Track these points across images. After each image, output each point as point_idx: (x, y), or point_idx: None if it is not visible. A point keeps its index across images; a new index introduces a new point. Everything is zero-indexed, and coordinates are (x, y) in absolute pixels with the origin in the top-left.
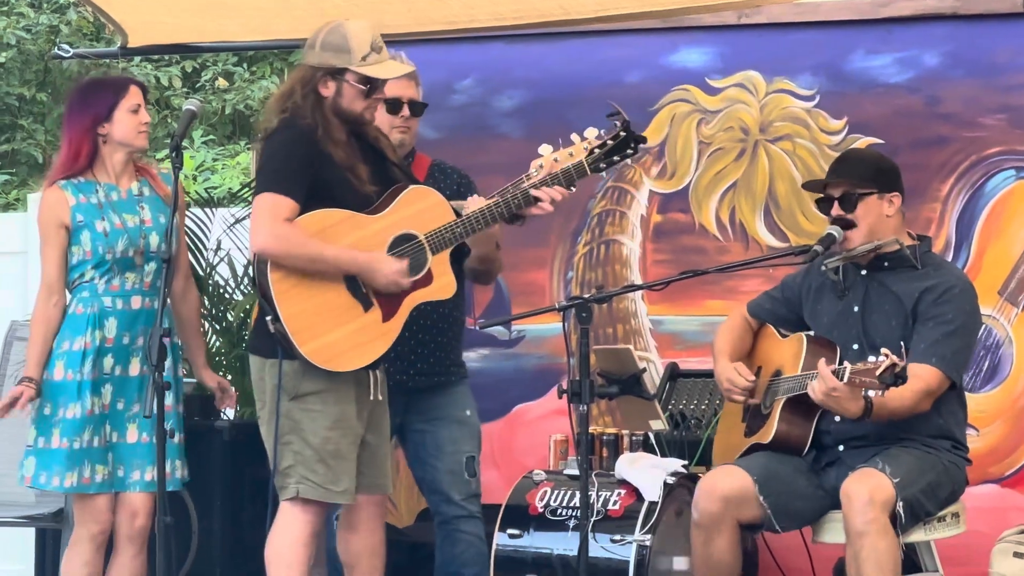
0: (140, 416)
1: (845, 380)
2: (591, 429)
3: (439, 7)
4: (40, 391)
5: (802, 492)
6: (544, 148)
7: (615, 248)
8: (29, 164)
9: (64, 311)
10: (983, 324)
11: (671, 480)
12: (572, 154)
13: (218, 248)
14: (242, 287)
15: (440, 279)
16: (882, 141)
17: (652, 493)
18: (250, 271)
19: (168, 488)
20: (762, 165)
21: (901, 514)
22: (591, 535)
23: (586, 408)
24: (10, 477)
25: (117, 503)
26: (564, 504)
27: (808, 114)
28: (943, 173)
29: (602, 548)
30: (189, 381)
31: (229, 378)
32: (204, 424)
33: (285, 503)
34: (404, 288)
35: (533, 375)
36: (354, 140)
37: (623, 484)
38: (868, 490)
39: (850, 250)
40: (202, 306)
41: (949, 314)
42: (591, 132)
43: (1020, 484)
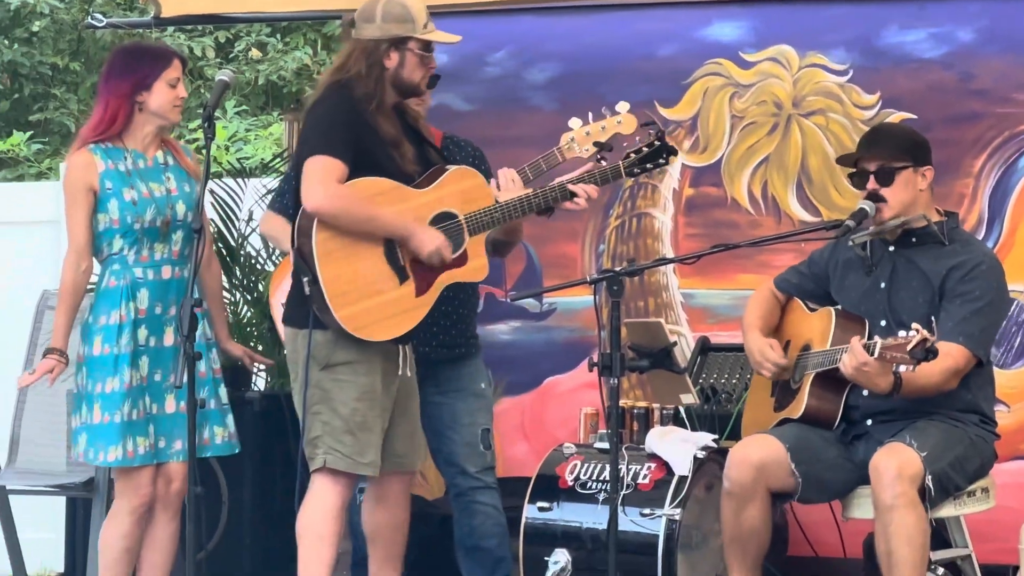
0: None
1: (876, 355)
2: (621, 402)
3: None
4: (67, 361)
5: (832, 463)
6: (574, 122)
7: (647, 221)
8: (62, 133)
9: (89, 277)
10: (1014, 300)
11: (701, 454)
12: (604, 128)
13: (250, 219)
14: (274, 258)
15: (474, 261)
16: (915, 116)
17: (682, 467)
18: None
19: (219, 453)
20: (795, 139)
21: (930, 488)
22: (621, 509)
23: (617, 381)
24: (39, 446)
25: (156, 473)
26: (594, 477)
27: (841, 89)
28: (976, 149)
29: (631, 522)
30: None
31: (259, 349)
32: (235, 395)
33: (316, 474)
34: (446, 261)
35: (564, 348)
36: (396, 117)
37: (653, 458)
38: (896, 464)
39: (878, 225)
40: (233, 277)
41: (976, 291)
42: (622, 106)
43: None
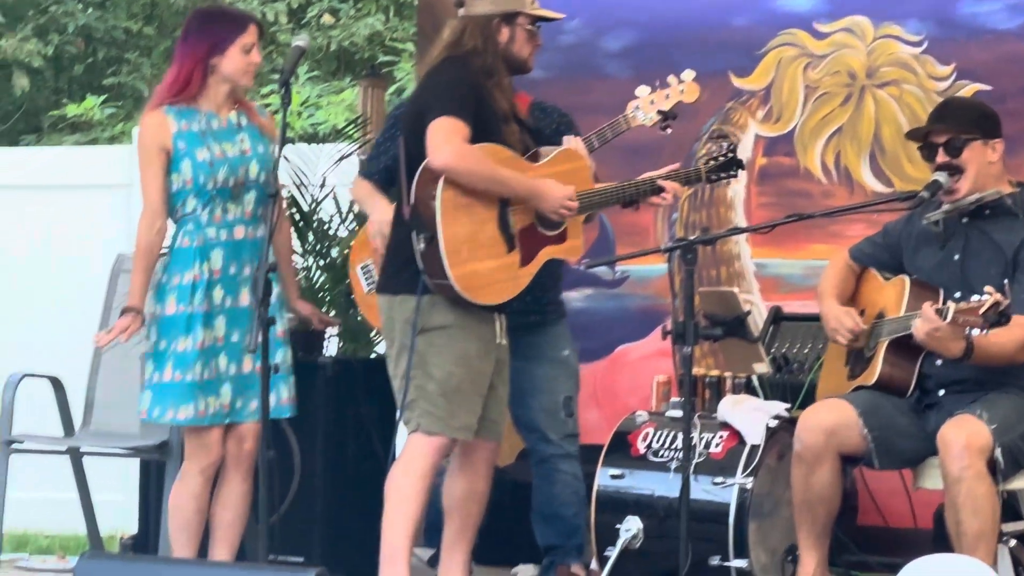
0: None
1: (948, 319)
2: (694, 371)
3: None
4: (144, 321)
5: (904, 431)
6: (641, 90)
7: (720, 190)
8: (134, 97)
9: (164, 237)
10: None
11: (773, 423)
12: (668, 96)
13: (323, 184)
14: (347, 223)
15: (572, 240)
16: (989, 88)
17: (754, 436)
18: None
19: (276, 416)
20: (868, 110)
21: (1000, 460)
22: (692, 477)
23: (690, 350)
24: (114, 409)
25: (227, 434)
26: (666, 445)
27: (916, 60)
28: None
29: (703, 490)
30: (290, 316)
31: (333, 313)
32: (307, 360)
33: (410, 437)
34: (572, 213)
35: (636, 315)
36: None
37: (725, 427)
38: (965, 436)
39: (954, 202)
40: (306, 242)
41: None
42: (687, 74)
43: None
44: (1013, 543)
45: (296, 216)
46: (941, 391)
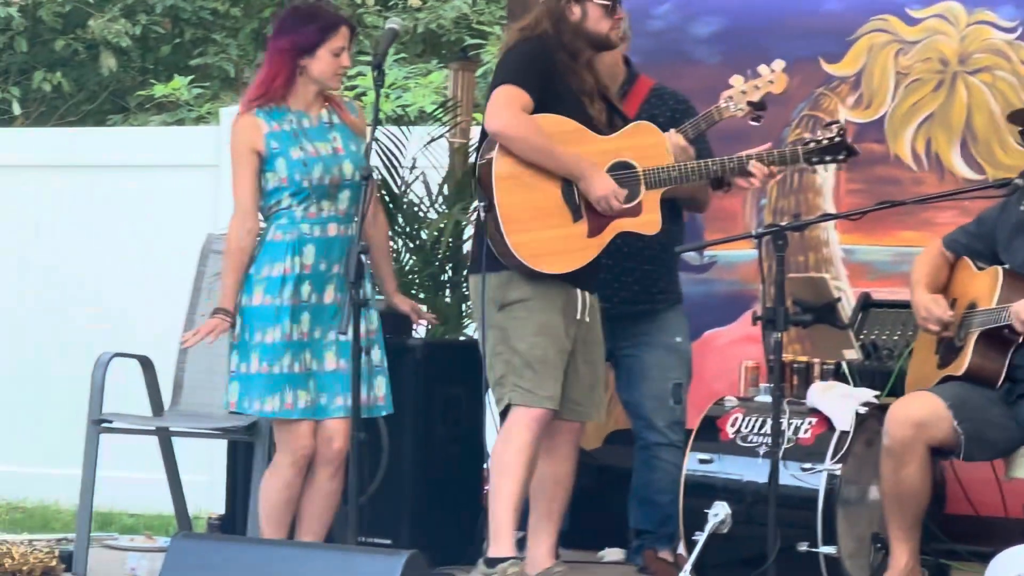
0: (337, 343)
1: None
2: (782, 357)
3: None
4: (234, 323)
5: (995, 422)
6: (735, 79)
7: (809, 176)
8: (221, 78)
9: (256, 239)
10: None
11: (862, 410)
12: (757, 87)
13: (413, 166)
14: (436, 206)
15: (648, 214)
16: None
17: (844, 422)
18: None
19: (373, 414)
20: (960, 97)
21: None
22: (781, 463)
23: (780, 335)
24: (202, 389)
25: (316, 432)
26: (755, 431)
27: (1009, 46)
28: None
29: (792, 476)
30: (379, 299)
31: (422, 296)
32: (397, 342)
33: (510, 413)
34: (613, 210)
35: (724, 301)
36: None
37: (814, 413)
38: None
39: None
40: (396, 224)
41: None
42: (778, 64)
43: None
44: None
45: (386, 198)
46: None
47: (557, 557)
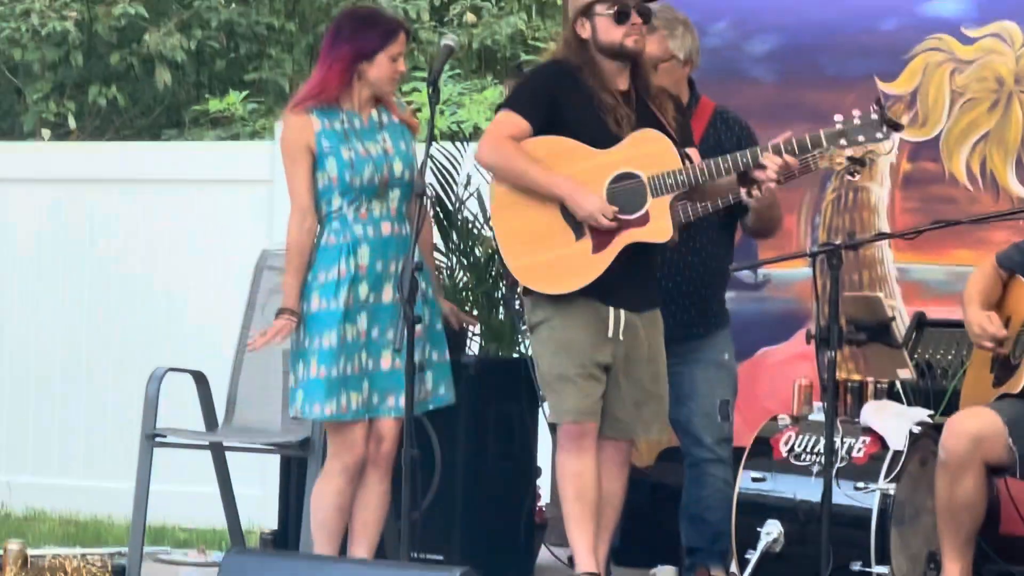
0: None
1: None
2: (836, 375)
3: None
4: (299, 321)
5: None
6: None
7: (863, 195)
8: (276, 93)
9: (314, 235)
10: None
11: (917, 429)
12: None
13: (468, 183)
14: (491, 223)
15: (657, 222)
16: None
17: (898, 441)
18: None
19: (433, 406)
20: (1016, 116)
21: None
22: (834, 482)
23: (834, 354)
24: (256, 404)
25: (369, 432)
26: (808, 449)
27: None
28: None
29: (845, 495)
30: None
31: (475, 313)
32: (451, 359)
33: None
34: (601, 225)
35: (777, 319)
36: (634, 92)
37: (868, 431)
38: None
39: None
40: (450, 241)
41: None
42: (886, 145)
43: None
44: None
45: (440, 215)
46: None
47: (609, 574)
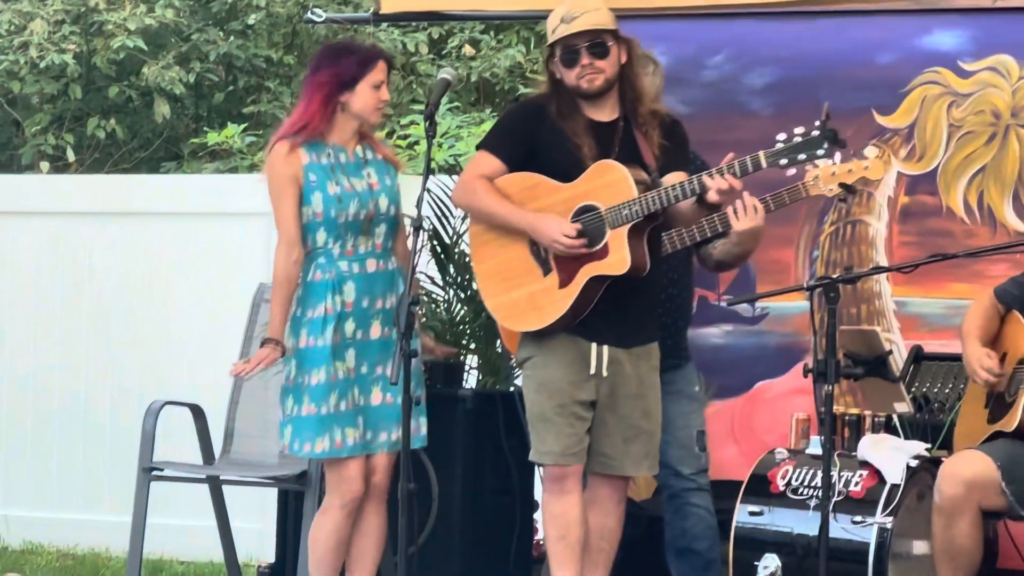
0: (382, 378)
1: None
2: (834, 409)
3: None
4: (285, 352)
5: None
6: (824, 163)
7: (861, 228)
8: (275, 126)
9: (301, 267)
10: None
11: (914, 463)
12: (851, 171)
13: (465, 216)
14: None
15: (615, 254)
16: None
17: (895, 475)
18: None
19: (416, 445)
20: (1012, 150)
21: None
22: (832, 516)
23: (831, 388)
24: (253, 438)
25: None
26: (805, 483)
27: None
28: None
29: (842, 529)
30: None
31: (473, 346)
32: (447, 393)
33: None
34: (569, 248)
35: (775, 352)
36: (623, 124)
37: (865, 465)
38: None
39: None
40: (447, 274)
41: None
42: (871, 151)
43: None
44: None
45: (437, 248)
46: None
47: None
